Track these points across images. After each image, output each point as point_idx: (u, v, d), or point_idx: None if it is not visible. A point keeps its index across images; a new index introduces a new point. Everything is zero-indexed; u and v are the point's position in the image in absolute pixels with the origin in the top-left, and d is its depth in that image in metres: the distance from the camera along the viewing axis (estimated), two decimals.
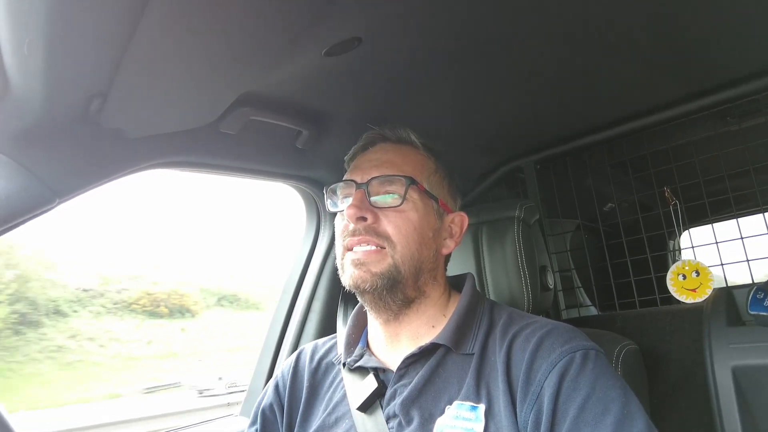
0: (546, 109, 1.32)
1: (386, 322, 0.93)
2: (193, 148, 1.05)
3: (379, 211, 0.90)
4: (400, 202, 0.90)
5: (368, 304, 0.93)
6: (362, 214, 0.88)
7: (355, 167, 0.97)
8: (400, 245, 0.88)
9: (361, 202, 0.89)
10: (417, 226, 0.90)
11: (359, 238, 0.88)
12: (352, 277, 0.89)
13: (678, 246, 2.11)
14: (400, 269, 0.88)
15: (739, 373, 1.15)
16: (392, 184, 0.91)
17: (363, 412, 0.87)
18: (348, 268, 0.90)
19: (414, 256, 0.90)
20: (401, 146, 0.98)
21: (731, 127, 1.42)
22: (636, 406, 0.72)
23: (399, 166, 0.93)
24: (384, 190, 0.91)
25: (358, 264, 0.88)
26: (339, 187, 0.97)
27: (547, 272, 1.24)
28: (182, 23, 0.66)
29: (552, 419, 0.72)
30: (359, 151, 1.00)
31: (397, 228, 0.89)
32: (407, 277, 0.89)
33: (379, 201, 0.91)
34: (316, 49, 0.87)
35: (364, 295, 0.91)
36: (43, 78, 0.72)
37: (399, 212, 0.90)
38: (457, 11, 0.84)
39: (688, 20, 0.96)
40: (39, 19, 0.61)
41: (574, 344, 0.78)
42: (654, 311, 1.40)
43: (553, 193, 1.69)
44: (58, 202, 0.86)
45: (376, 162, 0.94)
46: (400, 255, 0.88)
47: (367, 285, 0.87)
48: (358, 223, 0.88)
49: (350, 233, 0.89)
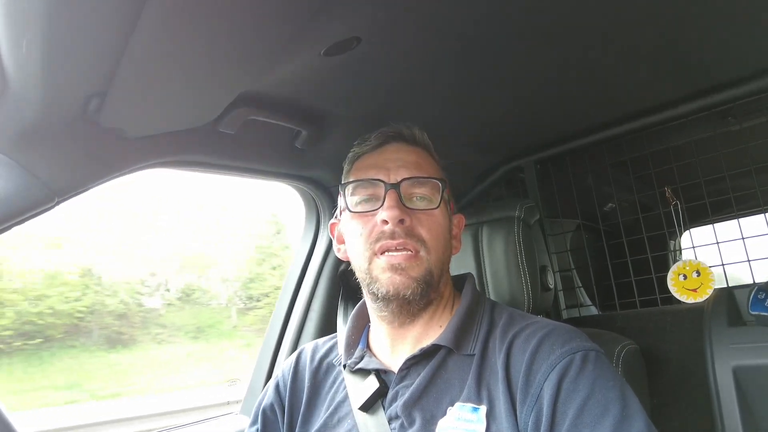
0: (546, 109, 1.32)
1: (401, 326, 0.91)
2: (191, 148, 1.05)
3: (412, 213, 0.88)
4: (437, 205, 0.89)
5: (393, 309, 0.88)
6: (403, 215, 0.85)
7: (371, 166, 0.93)
8: (433, 249, 0.88)
9: (398, 203, 0.87)
10: (444, 230, 0.91)
11: (398, 242, 0.85)
12: (393, 284, 0.85)
13: (679, 246, 2.10)
14: (433, 273, 0.87)
15: (740, 373, 1.15)
16: (423, 186, 0.90)
17: (365, 412, 0.87)
18: (383, 273, 0.86)
19: (441, 259, 0.90)
20: (416, 147, 0.96)
21: (732, 127, 1.41)
22: (636, 407, 0.72)
23: (425, 168, 0.92)
24: (414, 193, 0.89)
25: (399, 269, 0.85)
26: (362, 185, 0.92)
27: (547, 272, 1.24)
28: (181, 22, 0.66)
29: (551, 421, 0.72)
30: (371, 149, 0.96)
31: (431, 231, 0.88)
32: (437, 281, 0.89)
33: (410, 203, 0.89)
34: (315, 48, 0.87)
35: (395, 301, 0.87)
36: (41, 77, 0.72)
37: (429, 215, 0.89)
38: (456, 11, 0.84)
39: (689, 20, 0.96)
40: (37, 18, 0.61)
41: (573, 345, 0.78)
42: (655, 311, 1.40)
43: (553, 192, 1.68)
44: (57, 201, 0.86)
45: (400, 162, 0.91)
46: (433, 258, 0.87)
47: (409, 291, 0.85)
48: (398, 226, 0.85)
49: (388, 236, 0.86)
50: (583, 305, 1.76)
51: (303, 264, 1.48)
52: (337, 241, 1.02)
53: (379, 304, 0.90)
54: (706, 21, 0.97)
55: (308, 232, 1.49)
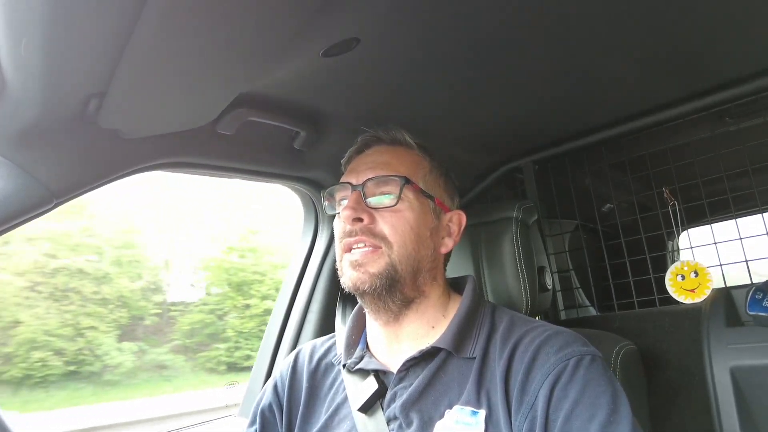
0: (544, 109, 1.32)
1: (386, 324, 0.93)
2: (190, 149, 1.05)
3: (375, 212, 0.90)
4: (395, 201, 0.90)
5: (368, 306, 0.93)
6: (358, 215, 0.89)
7: (351, 170, 0.97)
8: (397, 245, 0.89)
9: (357, 203, 0.90)
10: (413, 226, 0.91)
11: (356, 239, 0.89)
12: (351, 279, 0.89)
13: (677, 246, 2.11)
14: (397, 268, 0.88)
15: (738, 373, 1.15)
16: (387, 184, 0.91)
17: (364, 413, 0.87)
18: (347, 270, 0.91)
19: (411, 255, 0.90)
20: (396, 147, 0.98)
21: (730, 128, 1.42)
22: (624, 412, 0.71)
23: (394, 166, 0.93)
24: (379, 191, 0.91)
25: (356, 265, 0.89)
26: (335, 189, 0.98)
27: (545, 273, 1.24)
28: (180, 23, 0.66)
29: (544, 428, 0.73)
30: (354, 154, 1.01)
31: (393, 228, 0.89)
32: (405, 277, 0.89)
33: (374, 202, 0.91)
34: (314, 49, 0.87)
35: (363, 296, 0.91)
36: (40, 78, 0.72)
37: (394, 212, 0.90)
38: (456, 12, 0.84)
39: (687, 21, 0.96)
40: (36, 19, 0.61)
41: (568, 351, 0.78)
42: (653, 312, 1.40)
43: (551, 193, 1.69)
44: (55, 202, 0.86)
45: (371, 164, 0.94)
46: (396, 254, 0.88)
47: (366, 286, 0.88)
48: (355, 224, 0.89)
49: (347, 234, 0.90)
50: (581, 306, 1.76)
51: (302, 265, 1.48)
52: None
53: (360, 300, 0.95)
54: (704, 22, 0.97)
55: (307, 232, 1.49)
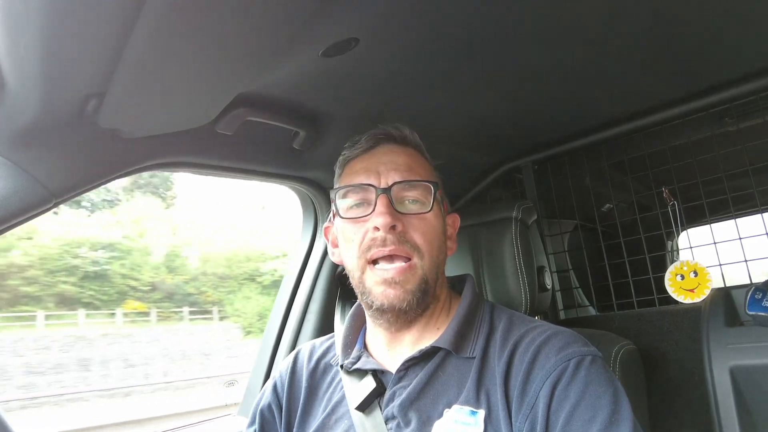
0: (544, 110, 1.32)
1: (397, 331, 0.91)
2: (189, 149, 1.05)
3: (404, 217, 0.86)
4: (429, 208, 0.86)
5: (390, 319, 0.87)
6: (395, 222, 0.83)
7: (362, 169, 0.91)
8: (427, 254, 0.85)
9: (389, 209, 0.84)
10: (438, 233, 0.89)
11: (390, 249, 0.83)
12: (386, 298, 0.83)
13: (676, 246, 2.11)
14: (428, 280, 0.86)
15: (737, 373, 1.15)
16: (414, 189, 0.87)
17: (361, 412, 0.87)
18: (377, 287, 0.84)
19: (435, 262, 0.88)
20: (406, 148, 0.94)
21: (729, 128, 1.42)
22: (626, 412, 0.71)
23: (416, 170, 0.89)
24: (407, 196, 0.87)
25: (393, 284, 0.83)
26: (352, 190, 0.89)
27: (544, 273, 1.24)
28: (179, 23, 0.66)
29: (545, 429, 0.72)
30: (362, 152, 0.94)
31: (424, 236, 0.85)
32: (432, 286, 0.87)
33: (406, 208, 0.87)
34: (313, 49, 0.87)
35: (388, 312, 0.85)
36: (39, 78, 0.72)
37: (422, 219, 0.86)
38: (455, 11, 0.84)
39: (686, 21, 0.96)
40: (35, 19, 0.61)
41: (569, 351, 0.78)
42: (652, 311, 1.40)
43: (551, 193, 1.69)
44: (55, 202, 0.86)
45: (390, 165, 0.89)
46: (427, 265, 0.85)
47: (405, 304, 0.84)
48: (390, 232, 0.83)
49: (380, 243, 0.83)
50: (580, 306, 1.76)
51: (301, 265, 1.47)
52: (332, 245, 1.00)
53: (374, 313, 0.89)
54: (703, 22, 0.97)
55: (306, 232, 1.49)
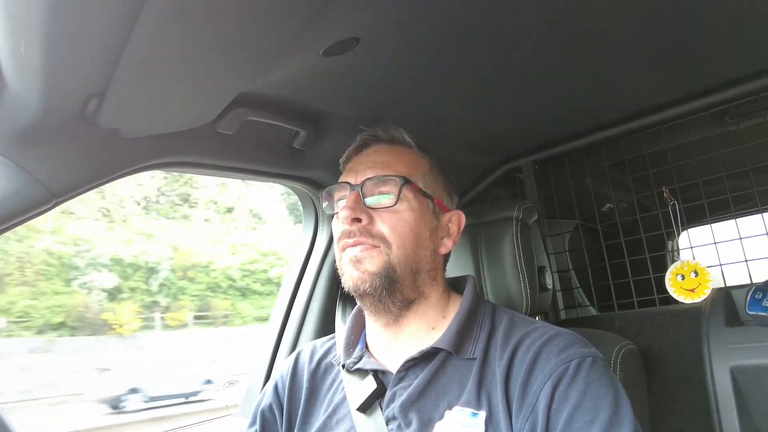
0: (544, 110, 1.32)
1: (386, 325, 0.93)
2: (190, 149, 1.05)
3: (374, 212, 0.89)
4: (394, 201, 0.89)
5: (368, 307, 0.92)
6: (357, 215, 0.88)
7: (349, 169, 0.96)
8: (396, 245, 0.88)
9: (356, 204, 0.89)
10: (413, 226, 0.90)
11: (354, 240, 0.88)
12: (351, 279, 0.88)
13: (677, 246, 2.11)
14: (395, 269, 0.88)
15: (738, 373, 1.15)
16: (386, 184, 0.90)
17: (362, 412, 0.87)
18: (346, 267, 0.90)
19: (410, 256, 0.89)
20: (395, 146, 0.98)
21: (730, 128, 1.42)
22: (626, 414, 0.71)
23: (393, 166, 0.92)
24: (378, 191, 0.91)
25: (355, 261, 0.88)
26: (334, 189, 0.97)
27: (545, 273, 1.24)
28: (179, 23, 0.65)
29: (545, 430, 0.72)
30: (353, 153, 1.00)
31: (392, 228, 0.88)
32: (404, 278, 0.89)
33: (373, 202, 0.90)
34: (313, 49, 0.87)
35: (364, 298, 0.90)
36: (40, 78, 0.72)
37: (393, 212, 0.89)
38: (456, 11, 0.84)
39: (687, 21, 0.96)
40: (36, 18, 0.61)
41: (570, 353, 0.78)
42: (653, 311, 1.40)
43: (551, 193, 1.69)
44: (55, 202, 0.86)
45: (369, 163, 0.94)
46: (395, 255, 0.88)
47: (366, 286, 0.87)
48: (353, 225, 0.88)
49: (345, 234, 0.89)
50: (581, 306, 1.76)
51: (302, 264, 1.47)
52: None
53: (360, 301, 0.94)
54: (704, 22, 0.97)
55: (307, 232, 1.49)
